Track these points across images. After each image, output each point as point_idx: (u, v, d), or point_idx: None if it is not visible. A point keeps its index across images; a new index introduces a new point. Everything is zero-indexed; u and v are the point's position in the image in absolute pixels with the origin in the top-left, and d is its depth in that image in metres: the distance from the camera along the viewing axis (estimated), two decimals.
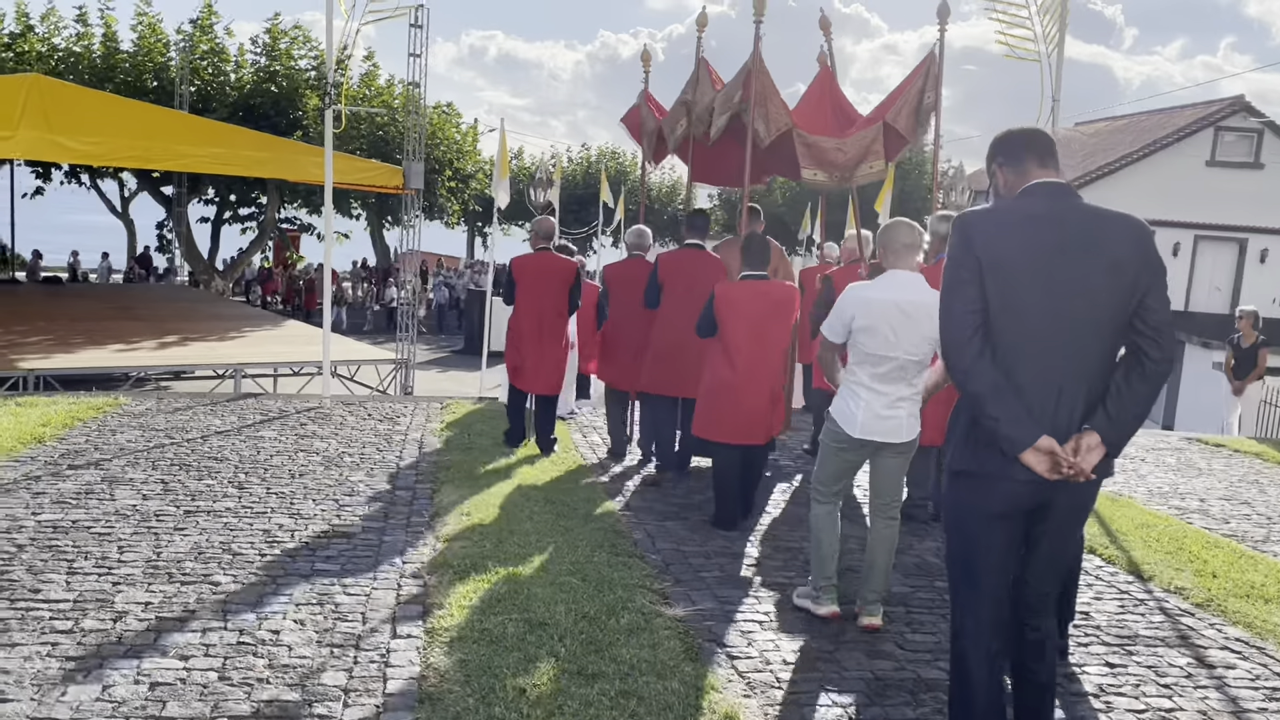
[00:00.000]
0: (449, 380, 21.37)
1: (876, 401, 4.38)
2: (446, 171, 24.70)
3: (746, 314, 5.77)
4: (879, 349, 4.32)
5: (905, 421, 4.44)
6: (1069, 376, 2.92)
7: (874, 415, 4.38)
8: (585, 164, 42.15)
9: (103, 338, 14.36)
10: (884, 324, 4.30)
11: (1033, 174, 3.08)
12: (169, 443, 7.10)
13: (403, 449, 7.42)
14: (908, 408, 4.44)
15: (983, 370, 2.90)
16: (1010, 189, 3.12)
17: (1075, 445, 2.87)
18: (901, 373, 4.38)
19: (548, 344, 7.53)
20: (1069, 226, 2.94)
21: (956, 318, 2.95)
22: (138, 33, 21.16)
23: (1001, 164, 3.17)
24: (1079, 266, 2.90)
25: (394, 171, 14.80)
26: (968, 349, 2.92)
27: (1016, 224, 2.98)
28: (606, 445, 8.00)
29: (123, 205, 28.87)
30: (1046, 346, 2.90)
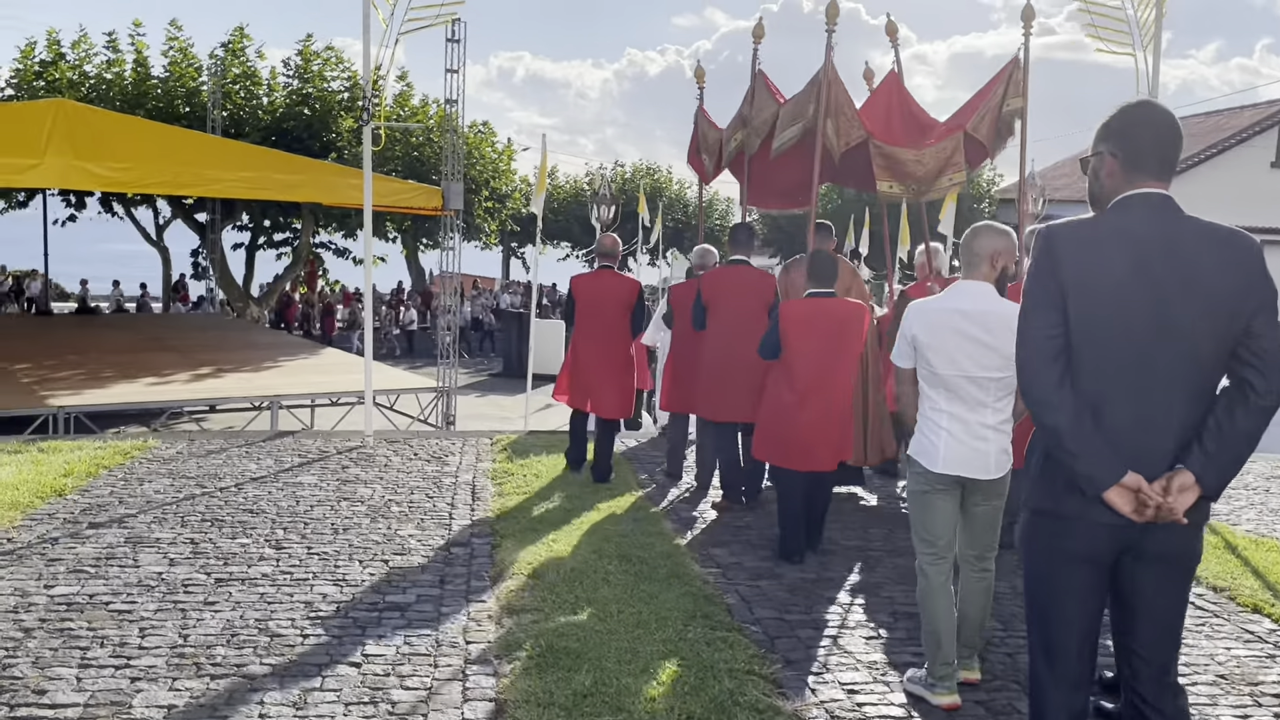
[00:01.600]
0: (489, 405, 20.75)
1: (959, 430, 3.87)
2: (483, 191, 24.19)
3: (812, 333, 5.48)
4: (948, 368, 3.84)
5: (994, 456, 3.88)
6: (1161, 410, 2.59)
7: (957, 445, 3.86)
8: (621, 181, 41.61)
9: (135, 371, 13.84)
10: (948, 339, 3.82)
11: (1142, 181, 2.66)
12: (200, 492, 6.47)
13: (454, 494, 6.75)
14: (995, 439, 3.89)
15: (1062, 401, 2.59)
16: (1110, 188, 2.71)
17: (1166, 484, 2.54)
18: (982, 396, 3.86)
19: (610, 366, 7.25)
20: (1168, 246, 2.60)
21: (1034, 342, 2.64)
22: (169, 58, 20.79)
23: (1113, 153, 2.70)
24: (1177, 290, 2.56)
25: (432, 192, 14.21)
26: (1046, 377, 2.61)
27: (1109, 240, 2.62)
28: (663, 468, 7.75)
29: (157, 233, 28.60)
30: (1136, 376, 2.60)
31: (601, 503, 6.56)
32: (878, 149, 6.89)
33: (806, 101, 7.17)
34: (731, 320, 6.57)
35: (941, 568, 3.94)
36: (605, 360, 7.23)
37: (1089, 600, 2.73)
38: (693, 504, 6.82)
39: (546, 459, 7.90)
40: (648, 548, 5.54)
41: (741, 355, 6.42)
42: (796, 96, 7.34)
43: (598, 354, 7.23)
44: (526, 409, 14.67)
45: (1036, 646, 2.81)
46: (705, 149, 8.88)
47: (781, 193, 8.89)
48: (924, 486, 3.94)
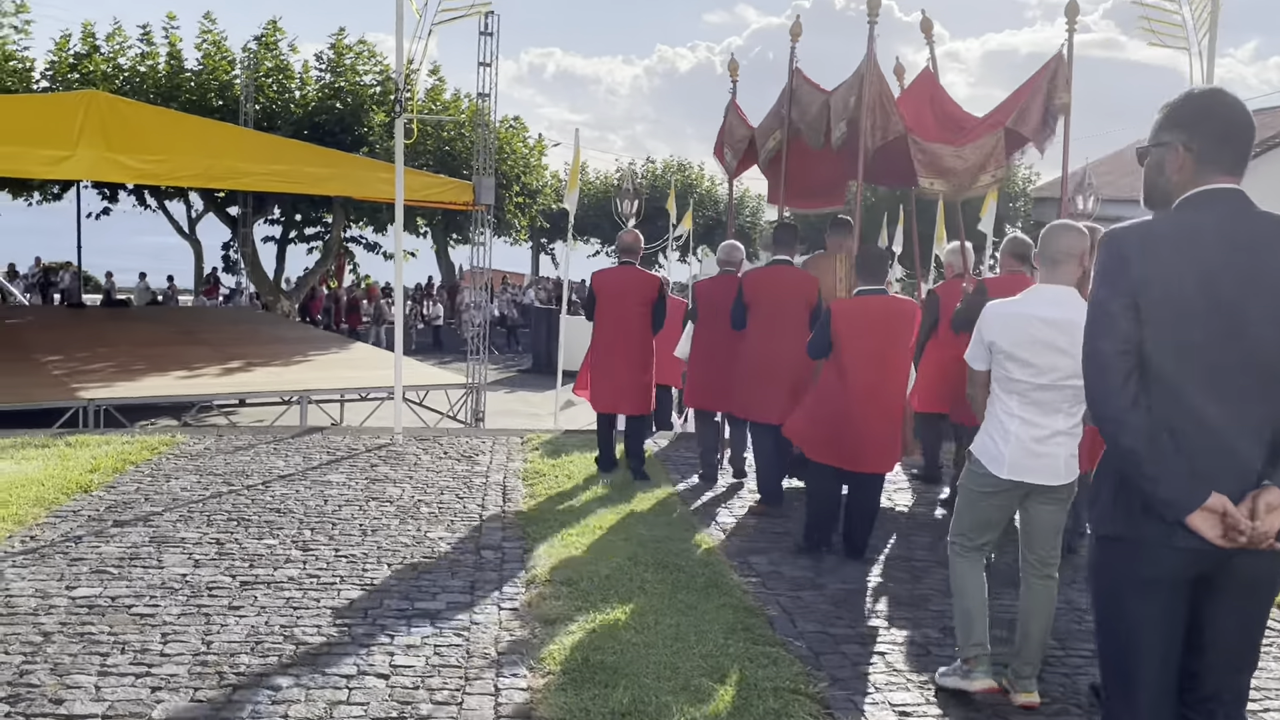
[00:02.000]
0: (518, 401, 20.62)
1: (1028, 435, 3.74)
2: (514, 187, 24.05)
3: (864, 331, 5.38)
4: (1026, 374, 3.72)
5: (1063, 461, 3.76)
6: (1243, 423, 2.38)
7: (1025, 452, 3.73)
8: (651, 177, 41.40)
9: (166, 364, 13.82)
10: (1029, 346, 3.70)
11: (1215, 176, 2.45)
12: (227, 490, 6.34)
13: (484, 495, 6.59)
14: (1065, 444, 3.77)
15: (1137, 422, 2.37)
16: (1178, 184, 2.49)
17: (1252, 506, 2.33)
18: (1057, 402, 3.73)
19: (632, 363, 7.20)
20: (1248, 246, 2.39)
21: (1106, 360, 2.42)
22: (202, 51, 20.82)
23: (1185, 144, 2.47)
24: (1258, 294, 2.36)
25: (464, 187, 14.08)
26: (1119, 398, 2.40)
27: (1183, 241, 2.41)
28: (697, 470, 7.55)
29: (190, 226, 28.73)
30: (1219, 391, 2.38)
31: (635, 505, 6.39)
32: (917, 145, 6.74)
33: (849, 95, 7.06)
34: (772, 320, 6.48)
35: (973, 554, 3.93)
36: (626, 356, 7.19)
37: (1170, 628, 2.50)
38: (729, 506, 6.63)
39: (578, 459, 7.73)
40: (684, 554, 5.35)
41: (782, 356, 6.37)
42: (840, 91, 7.21)
43: (619, 350, 7.19)
44: (556, 407, 14.56)
45: (1113, 683, 2.58)
46: (730, 144, 8.78)
47: (811, 191, 8.76)
48: (981, 488, 3.85)
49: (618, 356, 7.20)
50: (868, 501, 5.65)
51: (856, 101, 6.84)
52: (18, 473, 6.36)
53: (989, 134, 6.82)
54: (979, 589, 3.89)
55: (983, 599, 3.88)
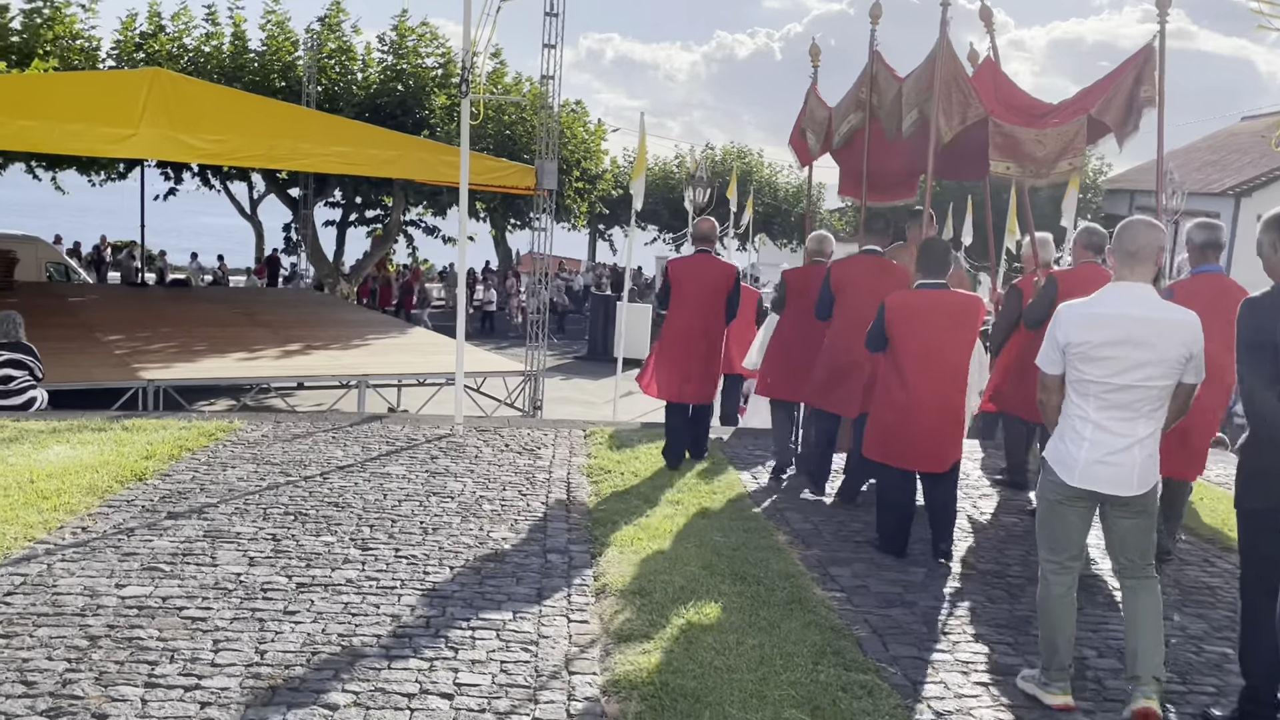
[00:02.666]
0: (574, 389, 20.46)
1: (1105, 443, 3.60)
2: (574, 172, 23.79)
3: (923, 327, 5.23)
4: (1104, 376, 3.57)
5: (1139, 469, 3.60)
6: None
7: (1098, 460, 3.60)
8: (711, 164, 40.90)
9: (225, 345, 13.77)
10: (1109, 347, 3.56)
11: None
12: (284, 481, 6.12)
13: (548, 493, 6.30)
14: (1142, 452, 3.61)
15: None
16: None
17: None
18: (1138, 404, 3.59)
19: (702, 352, 7.12)
20: None
21: None
22: (266, 31, 20.80)
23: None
24: None
25: (526, 171, 13.81)
26: None
27: None
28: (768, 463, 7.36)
29: (251, 207, 28.90)
30: None
31: (708, 506, 6.06)
32: (997, 127, 6.45)
33: (920, 82, 6.80)
34: (860, 312, 6.23)
35: (1065, 578, 3.75)
36: (698, 346, 7.09)
37: None
38: (803, 507, 6.28)
39: (643, 454, 7.43)
40: (762, 564, 5.01)
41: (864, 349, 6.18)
42: (912, 78, 6.95)
43: (691, 339, 7.08)
44: (616, 395, 14.29)
45: None
46: (812, 128, 8.52)
47: (882, 182, 8.53)
48: (1055, 496, 3.72)
49: (690, 346, 7.09)
50: (942, 501, 5.44)
51: (928, 88, 6.58)
52: (73, 458, 6.20)
53: (1071, 120, 6.53)
54: (1067, 617, 3.73)
55: (1070, 627, 3.74)
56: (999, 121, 6.48)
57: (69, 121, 10.76)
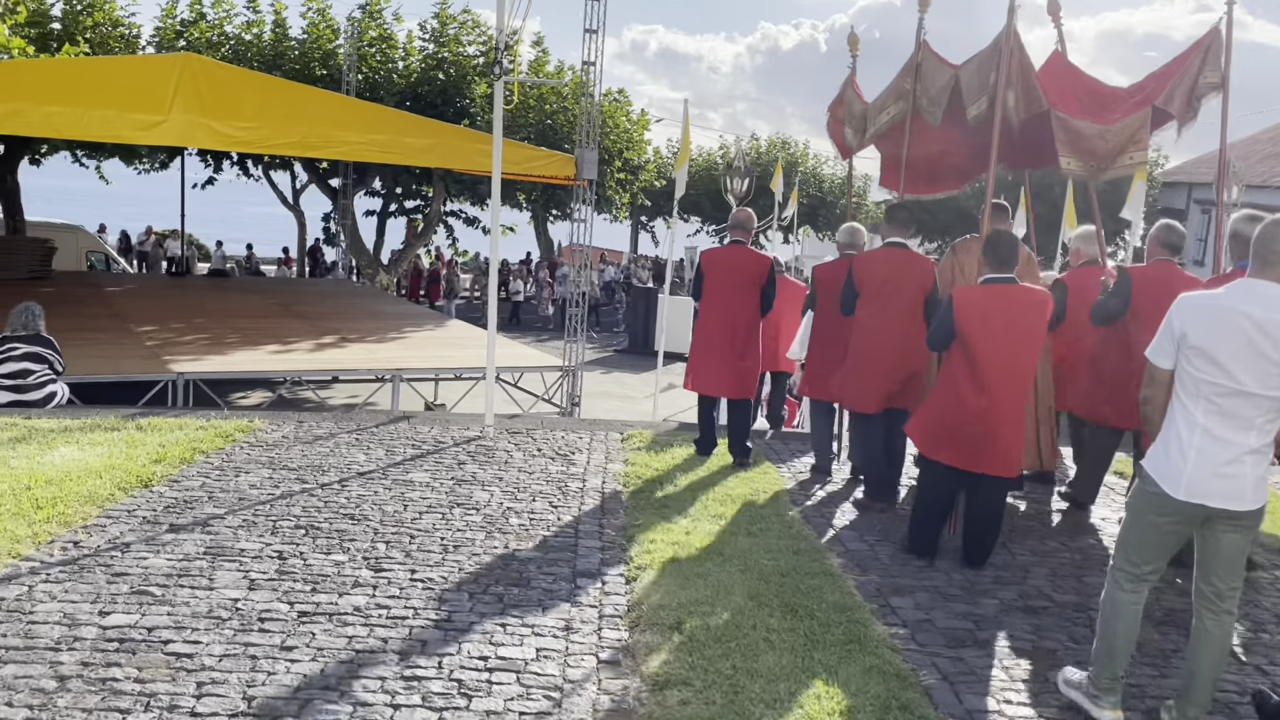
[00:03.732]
0: (614, 383, 20.02)
1: (1214, 453, 3.36)
2: (616, 162, 23.31)
3: (992, 323, 5.03)
4: (1220, 377, 3.33)
5: (1250, 482, 3.38)
6: None
7: (1208, 472, 3.37)
8: (755, 154, 40.21)
9: (259, 337, 13.49)
10: (1230, 345, 3.31)
11: None
12: (299, 489, 5.72)
13: (581, 504, 5.84)
14: (1254, 465, 3.39)
15: None
16: None
17: None
18: (1251, 414, 3.34)
19: (737, 345, 6.94)
20: None
21: None
22: (307, 19, 20.56)
23: None
24: None
25: (566, 160, 13.35)
26: None
27: None
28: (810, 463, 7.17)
29: (294, 197, 28.78)
30: None
31: (753, 522, 5.56)
32: (1060, 121, 6.15)
33: (987, 70, 6.46)
34: (884, 307, 6.22)
35: (1140, 589, 3.60)
36: (731, 338, 6.93)
37: None
38: (853, 521, 5.76)
39: (683, 459, 6.96)
40: (815, 594, 4.51)
41: (891, 344, 6.19)
42: (972, 65, 6.64)
43: (724, 331, 6.94)
44: (656, 390, 13.81)
45: None
46: (850, 122, 8.28)
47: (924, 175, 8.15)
48: (1153, 509, 3.50)
49: (723, 338, 6.94)
50: (990, 506, 5.21)
51: (996, 77, 6.25)
52: (79, 461, 5.84)
53: (1135, 113, 6.21)
54: (1130, 628, 3.59)
55: (1131, 638, 3.61)
56: (1062, 115, 6.21)
57: (97, 107, 10.48)
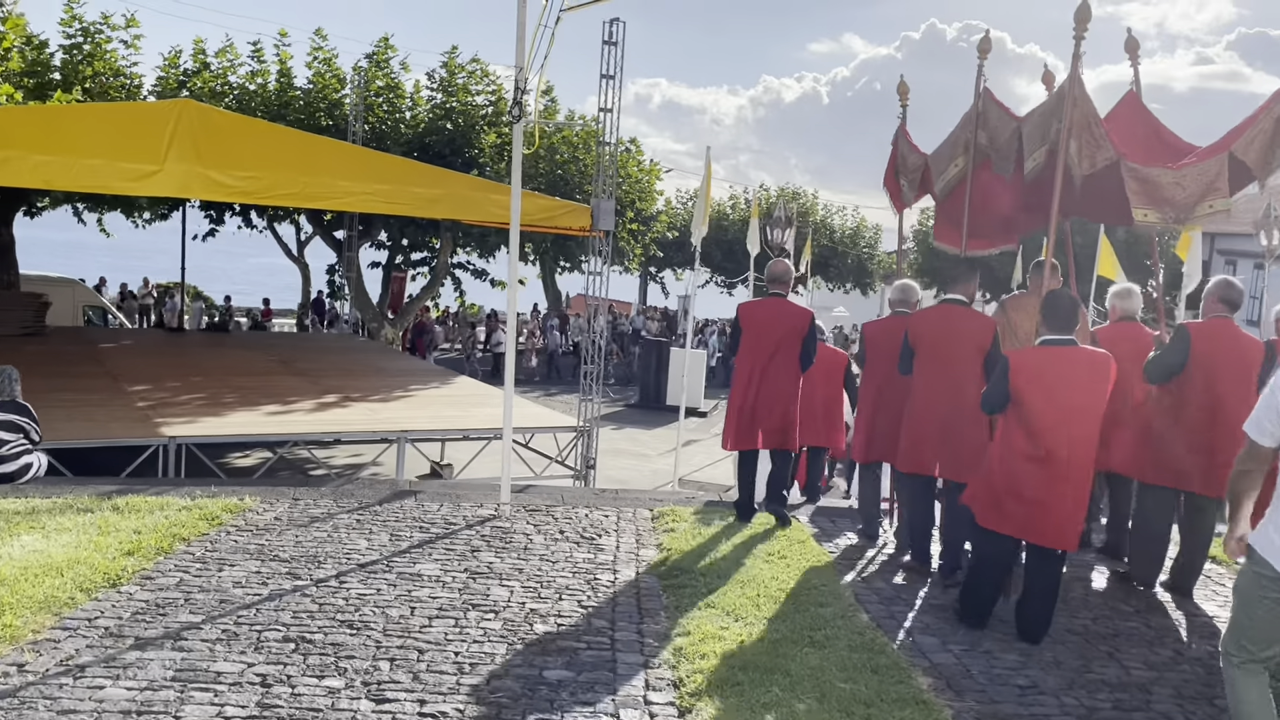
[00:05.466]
0: (627, 440, 19.30)
1: None
2: (629, 213, 22.76)
3: (1050, 387, 4.85)
4: None
5: None
6: None
7: None
8: (765, 204, 39.83)
9: (257, 397, 12.77)
10: None
11: None
12: (290, 589, 4.96)
13: (614, 604, 5.08)
14: None
15: None
16: None
17: None
18: None
19: (777, 399, 6.76)
20: None
21: None
22: (313, 69, 20.11)
23: None
24: None
25: (581, 211, 12.72)
26: None
27: None
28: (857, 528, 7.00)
29: (299, 249, 28.26)
30: None
31: (816, 629, 4.79)
32: (1131, 171, 5.84)
33: (1048, 121, 6.24)
34: (941, 365, 5.94)
35: (1261, 677, 3.44)
36: (771, 393, 6.76)
37: None
38: (943, 631, 5.00)
39: (723, 543, 6.21)
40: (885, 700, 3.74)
41: (948, 405, 5.90)
42: (1035, 116, 6.41)
43: (764, 386, 6.76)
44: (677, 445, 13.08)
45: None
46: (905, 173, 7.89)
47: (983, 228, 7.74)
48: (1265, 591, 3.33)
49: (762, 393, 6.76)
50: (1048, 578, 5.00)
51: (1060, 127, 6.02)
52: (40, 553, 5.11)
53: (1211, 159, 5.88)
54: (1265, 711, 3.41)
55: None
56: (1133, 165, 5.86)
57: (89, 156, 9.87)
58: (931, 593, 5.66)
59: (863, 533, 6.83)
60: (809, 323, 6.81)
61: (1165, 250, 28.74)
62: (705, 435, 20.58)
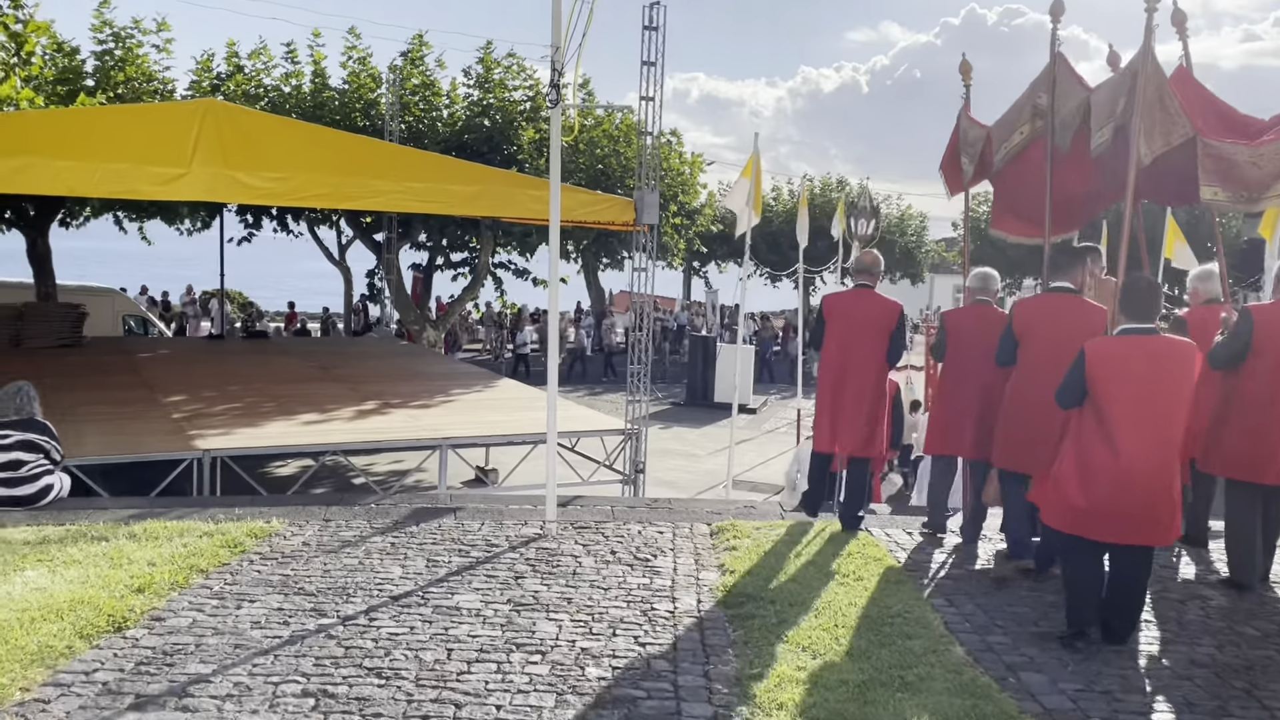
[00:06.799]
0: (674, 439, 18.78)
1: None
2: (672, 206, 22.18)
3: (1131, 379, 4.61)
4: None
5: None
6: None
7: None
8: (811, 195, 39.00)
9: (296, 405, 12.36)
10: None
11: None
12: (314, 628, 4.46)
13: (676, 638, 4.52)
14: None
15: None
16: None
17: None
18: None
19: (862, 396, 6.53)
20: None
21: None
22: (347, 69, 19.76)
23: None
24: None
25: (624, 205, 12.12)
26: None
27: None
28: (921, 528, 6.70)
29: (340, 252, 28.03)
30: None
31: (906, 665, 4.20)
32: (1207, 148, 5.52)
33: (1116, 96, 5.93)
34: (1050, 358, 5.51)
35: None
36: (856, 389, 6.54)
37: None
38: (1041, 663, 4.38)
39: (789, 561, 5.64)
40: None
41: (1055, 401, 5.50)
42: (1103, 89, 6.12)
43: (848, 382, 6.55)
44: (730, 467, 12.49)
45: None
46: (966, 150, 7.44)
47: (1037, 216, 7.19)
48: None
49: (846, 389, 6.55)
50: (1133, 579, 4.78)
51: (1128, 104, 5.75)
52: (42, 592, 4.65)
53: None
54: None
55: None
56: (1209, 141, 5.55)
57: (113, 160, 9.49)
58: (1028, 613, 5.04)
59: (927, 526, 6.61)
60: (898, 316, 6.60)
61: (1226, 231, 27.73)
62: (756, 433, 19.98)
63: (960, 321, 6.50)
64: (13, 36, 11.01)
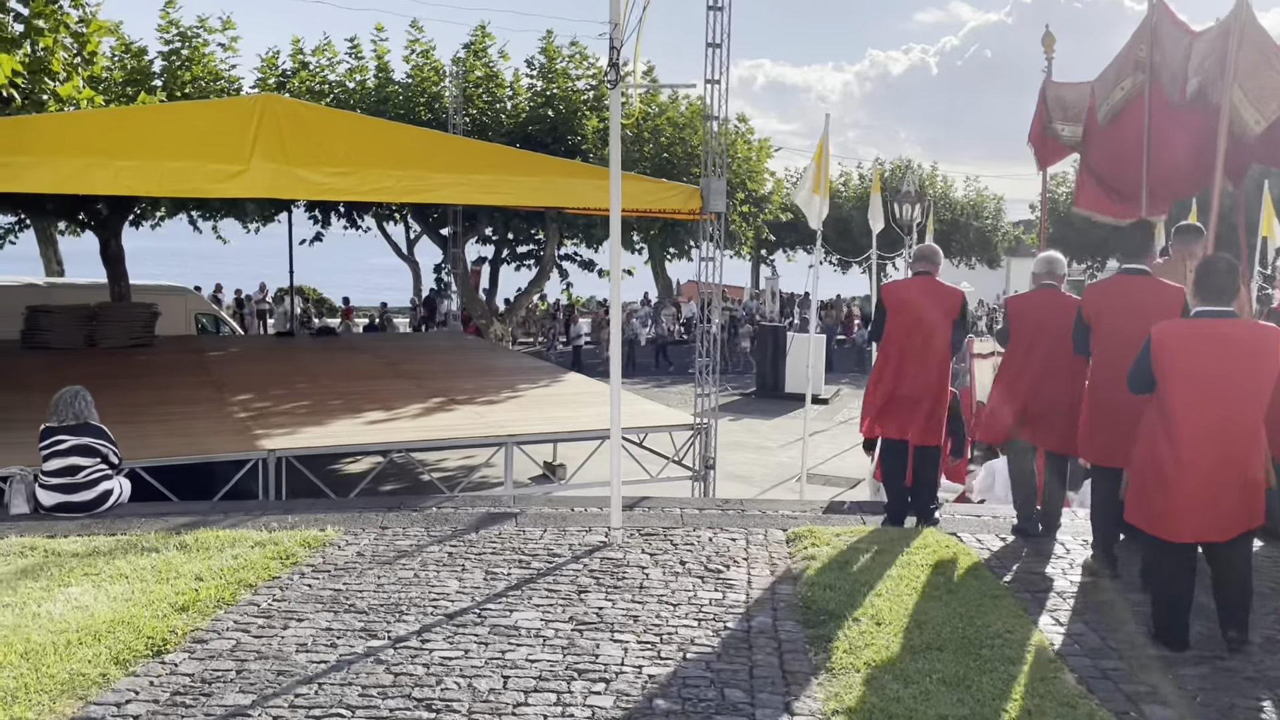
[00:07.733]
0: (744, 431, 18.34)
1: None
2: (739, 194, 21.69)
3: (1200, 365, 4.38)
4: None
5: None
6: None
7: None
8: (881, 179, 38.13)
9: (362, 403, 12.22)
10: None
11: None
12: (362, 650, 4.16)
13: (751, 662, 4.13)
14: None
15: None
16: None
17: None
18: None
19: (925, 385, 6.30)
20: None
21: None
22: (410, 62, 19.65)
23: None
24: None
25: (690, 193, 11.70)
26: None
27: None
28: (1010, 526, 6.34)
29: (408, 247, 28.08)
30: None
31: (1011, 699, 3.76)
32: None
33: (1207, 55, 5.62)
34: (1123, 344, 5.26)
35: None
36: (919, 377, 6.32)
37: None
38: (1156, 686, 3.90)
39: (872, 572, 5.20)
40: None
41: None
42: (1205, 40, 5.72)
43: (910, 370, 6.34)
44: (804, 460, 12.02)
45: None
46: (1061, 115, 6.87)
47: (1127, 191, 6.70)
48: None
49: (908, 378, 6.34)
50: (1232, 575, 4.47)
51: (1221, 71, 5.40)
52: (83, 611, 4.43)
53: None
54: None
55: None
56: None
57: (173, 159, 9.38)
58: (1145, 634, 4.55)
59: (1016, 529, 6.24)
60: (960, 304, 6.37)
61: None
62: (829, 424, 19.46)
63: (1023, 307, 6.25)
64: (75, 37, 10.97)
